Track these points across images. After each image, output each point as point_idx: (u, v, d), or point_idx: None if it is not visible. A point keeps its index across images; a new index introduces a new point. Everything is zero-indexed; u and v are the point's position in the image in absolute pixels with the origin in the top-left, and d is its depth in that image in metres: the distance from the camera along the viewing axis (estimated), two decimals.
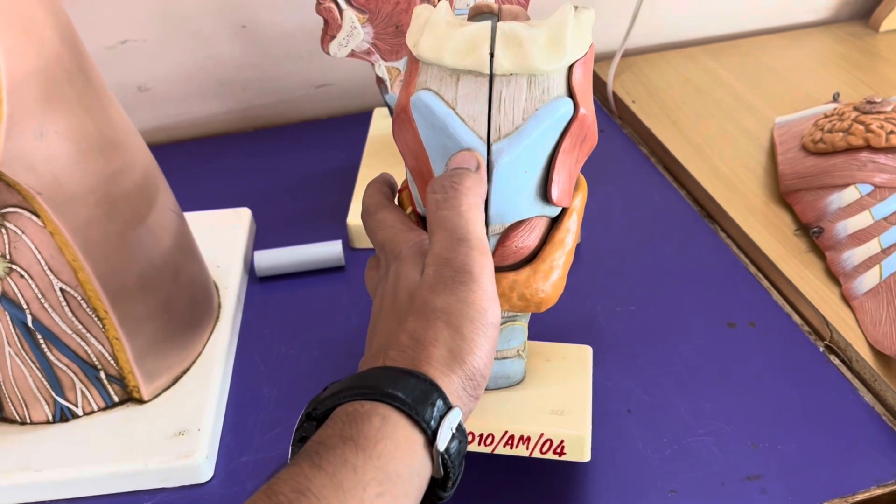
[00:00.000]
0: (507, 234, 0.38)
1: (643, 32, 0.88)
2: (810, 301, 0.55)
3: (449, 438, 0.31)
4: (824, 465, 0.46)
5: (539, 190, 0.37)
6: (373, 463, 0.29)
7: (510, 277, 0.39)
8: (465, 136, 0.35)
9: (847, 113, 0.63)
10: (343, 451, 0.29)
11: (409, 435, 0.31)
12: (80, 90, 0.44)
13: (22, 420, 0.49)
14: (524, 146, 0.35)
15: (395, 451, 0.30)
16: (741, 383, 0.51)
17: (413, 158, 0.38)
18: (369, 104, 0.84)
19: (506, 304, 0.39)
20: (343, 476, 0.28)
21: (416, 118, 0.36)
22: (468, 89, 0.35)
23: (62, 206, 0.43)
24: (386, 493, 0.29)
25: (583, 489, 0.45)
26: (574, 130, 0.36)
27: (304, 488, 0.28)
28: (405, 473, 0.30)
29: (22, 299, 0.45)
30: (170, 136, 0.83)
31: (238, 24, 0.78)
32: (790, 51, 0.88)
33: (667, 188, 0.70)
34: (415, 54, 0.36)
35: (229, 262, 0.61)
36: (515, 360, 0.43)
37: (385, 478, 0.29)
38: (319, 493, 0.27)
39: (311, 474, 0.28)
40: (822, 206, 0.61)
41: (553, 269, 0.39)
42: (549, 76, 0.35)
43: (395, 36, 0.61)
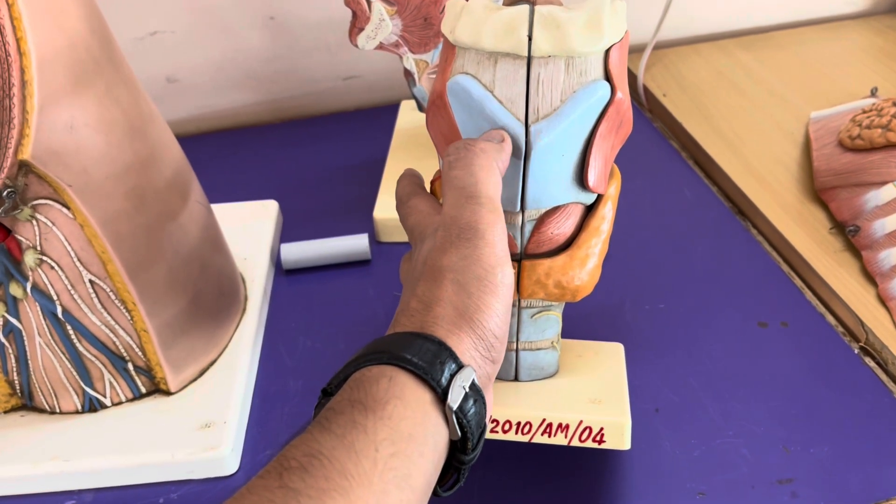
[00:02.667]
0: (542, 221, 0.38)
1: (675, 25, 0.87)
2: (845, 301, 0.54)
3: (462, 397, 0.30)
4: (857, 470, 0.45)
5: (575, 175, 0.37)
6: (384, 423, 0.28)
7: (546, 264, 0.38)
8: (504, 117, 0.35)
9: (886, 108, 0.62)
10: (352, 413, 0.29)
11: (419, 394, 0.30)
12: (109, 81, 0.44)
13: (51, 410, 0.49)
14: (562, 128, 0.35)
15: (405, 411, 0.29)
16: (772, 385, 0.50)
17: (447, 146, 0.38)
18: (397, 97, 0.83)
19: (541, 292, 0.39)
20: (354, 437, 0.28)
21: (451, 103, 0.36)
22: (506, 72, 0.35)
23: (92, 198, 0.44)
24: (399, 453, 0.28)
25: (610, 489, 0.45)
26: (611, 114, 0.36)
27: (315, 451, 0.27)
28: (419, 433, 0.29)
29: (52, 290, 0.45)
30: (198, 127, 0.83)
31: (266, 15, 0.78)
32: (827, 43, 0.86)
33: (698, 183, 0.69)
34: (451, 40, 0.36)
35: (256, 255, 0.61)
36: (550, 351, 0.42)
37: (398, 437, 0.28)
38: (331, 455, 0.27)
39: (322, 438, 0.28)
40: (859, 203, 0.59)
41: (589, 257, 0.39)
42: (586, 59, 0.35)
43: (423, 28, 0.61)
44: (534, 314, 0.40)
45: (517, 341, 0.41)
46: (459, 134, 0.37)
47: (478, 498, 0.45)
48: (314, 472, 0.26)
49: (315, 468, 0.27)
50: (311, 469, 0.26)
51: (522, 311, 0.40)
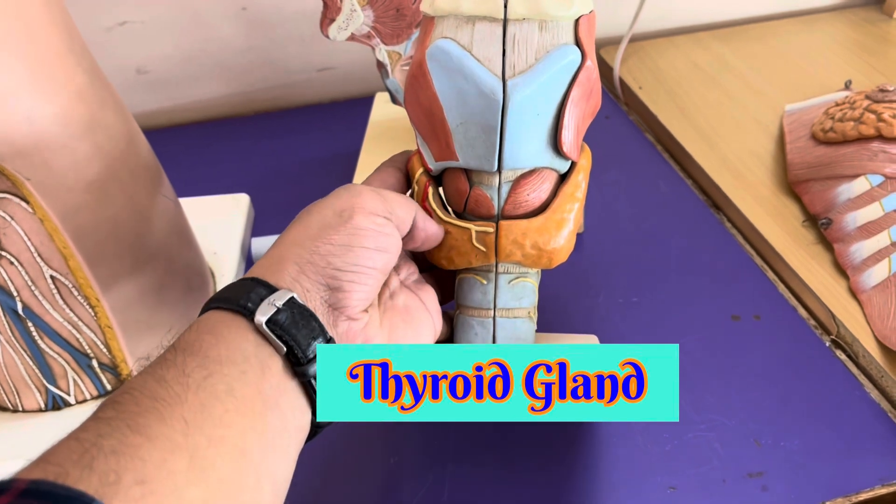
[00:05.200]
0: (518, 183, 0.39)
1: (651, 17, 0.86)
2: (817, 294, 0.54)
3: (272, 312, 0.31)
4: (828, 463, 0.45)
5: (550, 139, 0.38)
6: (193, 356, 0.29)
7: (523, 224, 0.39)
8: (482, 74, 0.37)
9: (858, 101, 0.62)
10: (163, 355, 0.29)
11: (231, 323, 0.31)
12: (70, 72, 0.43)
13: (14, 408, 0.48)
14: (537, 84, 0.37)
15: (215, 340, 0.30)
16: (744, 378, 0.50)
17: (426, 116, 0.39)
18: (371, 88, 0.82)
19: (518, 253, 0.40)
20: (164, 371, 0.28)
21: (431, 69, 0.38)
22: (483, 33, 0.37)
23: (52, 191, 0.42)
24: (214, 374, 0.28)
25: (582, 483, 0.45)
26: (582, 80, 0.38)
27: (128, 388, 0.28)
28: (235, 356, 0.30)
29: (12, 286, 0.44)
30: (169, 119, 0.82)
31: (239, 5, 0.77)
32: (802, 36, 0.86)
33: (672, 176, 0.69)
34: (430, 11, 0.38)
35: (226, 249, 0.60)
36: (526, 321, 0.43)
37: (209, 362, 0.29)
38: (141, 388, 0.27)
39: (134, 380, 0.28)
40: (831, 196, 0.59)
41: (565, 221, 0.40)
42: (558, 23, 0.37)
43: (395, 19, 0.60)
44: (511, 280, 0.41)
45: (494, 308, 0.41)
46: (438, 100, 0.38)
47: (448, 494, 0.44)
48: (125, 402, 0.27)
49: (126, 400, 0.27)
50: (123, 402, 0.27)
51: (500, 276, 0.41)
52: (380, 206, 0.35)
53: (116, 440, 0.25)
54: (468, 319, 0.41)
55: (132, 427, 0.26)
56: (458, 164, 0.39)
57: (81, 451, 0.25)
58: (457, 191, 0.40)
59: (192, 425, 0.27)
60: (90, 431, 0.25)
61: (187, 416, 0.27)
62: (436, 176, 0.41)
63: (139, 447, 0.25)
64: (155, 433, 0.26)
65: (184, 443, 0.26)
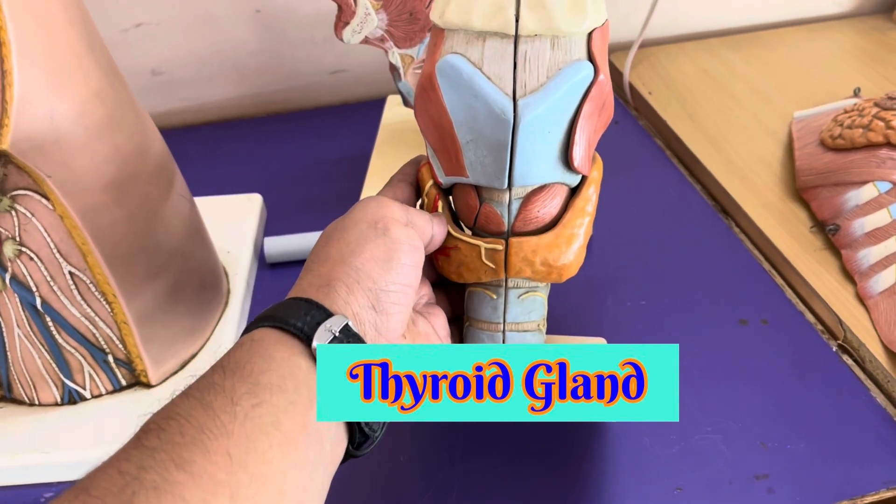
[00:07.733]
0: (528, 199, 0.39)
1: (661, 23, 0.87)
2: (824, 299, 0.55)
3: (329, 338, 0.30)
4: (833, 467, 0.45)
5: (561, 154, 0.38)
6: (244, 381, 0.28)
7: (533, 241, 0.39)
8: (492, 92, 0.36)
9: (867, 108, 0.62)
10: (211, 377, 0.29)
11: (283, 346, 0.30)
12: (89, 72, 0.44)
13: (30, 401, 0.49)
14: (549, 103, 0.36)
15: (267, 365, 0.29)
16: (751, 381, 0.50)
17: (436, 130, 0.39)
18: (383, 91, 0.83)
19: (528, 269, 0.40)
20: (211, 397, 0.28)
21: (441, 84, 0.37)
22: (494, 50, 0.36)
23: (72, 189, 0.43)
24: (264, 404, 0.28)
25: (589, 484, 0.45)
26: (594, 95, 0.37)
27: (173, 414, 0.27)
28: (287, 385, 0.29)
29: (31, 282, 0.45)
30: (183, 120, 0.83)
31: (253, 8, 0.78)
32: (811, 44, 0.86)
33: (681, 182, 0.69)
34: (440, 23, 0.38)
35: (239, 248, 0.61)
36: (536, 333, 0.43)
37: (259, 390, 0.28)
38: (188, 415, 0.27)
39: (180, 402, 0.28)
40: (839, 203, 0.60)
41: (575, 237, 0.40)
42: (570, 39, 0.36)
43: (408, 23, 0.61)
44: (520, 294, 0.41)
45: (504, 322, 0.42)
46: (448, 116, 0.37)
47: (457, 493, 0.45)
48: (170, 430, 0.26)
49: (171, 427, 0.27)
50: (168, 428, 0.27)
51: (510, 290, 0.41)
52: (405, 216, 0.36)
53: (159, 475, 0.25)
54: (478, 332, 0.42)
55: (176, 462, 0.25)
56: (467, 181, 0.39)
57: (122, 484, 0.24)
58: (467, 206, 0.40)
59: (236, 461, 0.26)
60: (132, 462, 0.25)
61: (232, 451, 0.26)
62: (445, 189, 0.41)
63: (181, 485, 0.25)
64: (198, 470, 0.25)
65: (226, 480, 0.26)
